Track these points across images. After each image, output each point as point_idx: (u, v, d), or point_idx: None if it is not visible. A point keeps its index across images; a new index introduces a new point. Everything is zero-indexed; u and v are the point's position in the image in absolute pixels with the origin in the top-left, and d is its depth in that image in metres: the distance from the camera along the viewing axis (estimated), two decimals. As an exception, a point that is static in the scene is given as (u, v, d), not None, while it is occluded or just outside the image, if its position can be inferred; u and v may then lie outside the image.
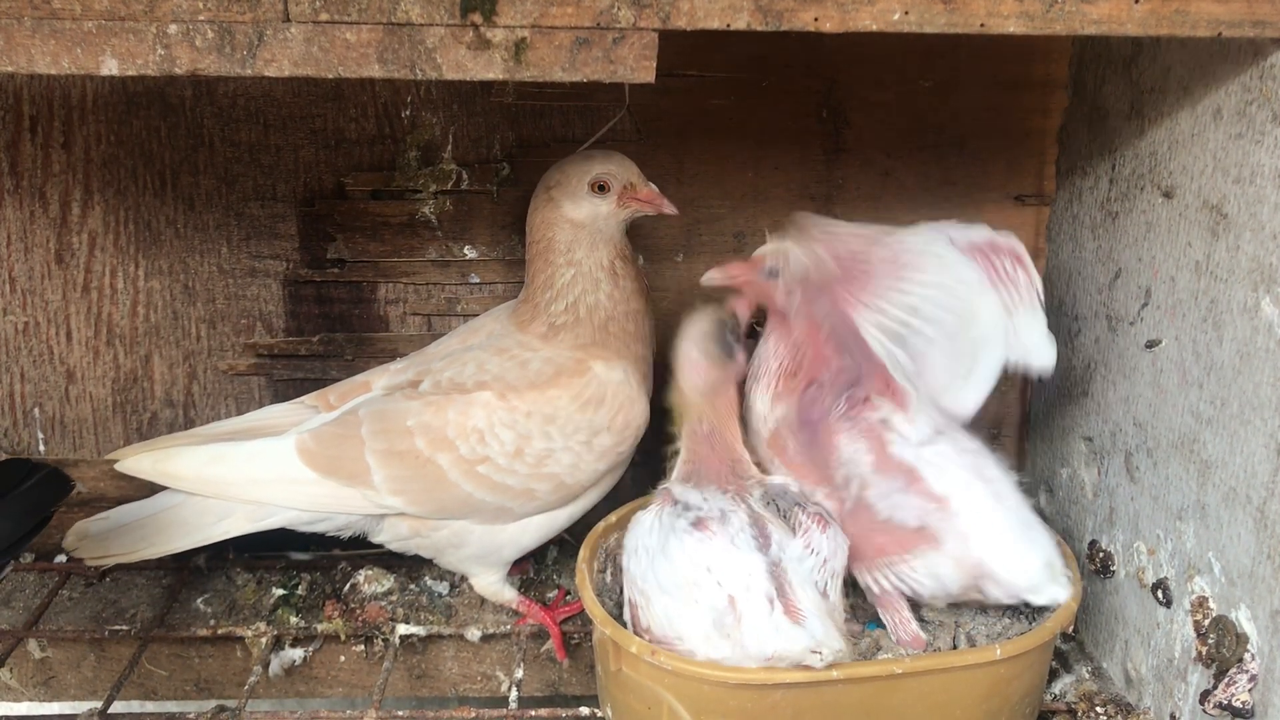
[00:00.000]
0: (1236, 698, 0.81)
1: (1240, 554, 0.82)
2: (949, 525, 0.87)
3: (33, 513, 0.86)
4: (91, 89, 1.10)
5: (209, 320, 1.17)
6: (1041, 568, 0.88)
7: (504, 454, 0.95)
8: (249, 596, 1.11)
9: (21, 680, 1.11)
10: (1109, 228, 1.02)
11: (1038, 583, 0.88)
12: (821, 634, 0.80)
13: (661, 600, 0.84)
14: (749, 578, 0.82)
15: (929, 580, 0.89)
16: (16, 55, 0.70)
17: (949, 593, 0.90)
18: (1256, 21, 0.74)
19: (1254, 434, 0.80)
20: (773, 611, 0.80)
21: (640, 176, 0.99)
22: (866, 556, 0.90)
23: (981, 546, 0.87)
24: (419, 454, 0.95)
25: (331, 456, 0.96)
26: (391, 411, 0.97)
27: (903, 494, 0.89)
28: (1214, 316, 0.84)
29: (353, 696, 1.12)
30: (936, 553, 0.88)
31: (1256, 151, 0.79)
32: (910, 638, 0.91)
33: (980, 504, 0.88)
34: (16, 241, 1.13)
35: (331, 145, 1.13)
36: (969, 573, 0.88)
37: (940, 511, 0.88)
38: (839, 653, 0.80)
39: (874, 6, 0.72)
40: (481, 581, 1.04)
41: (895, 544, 0.89)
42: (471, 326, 1.07)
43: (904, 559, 0.89)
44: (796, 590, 0.81)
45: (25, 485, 0.86)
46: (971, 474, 0.89)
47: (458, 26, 0.71)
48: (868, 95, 1.13)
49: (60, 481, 0.89)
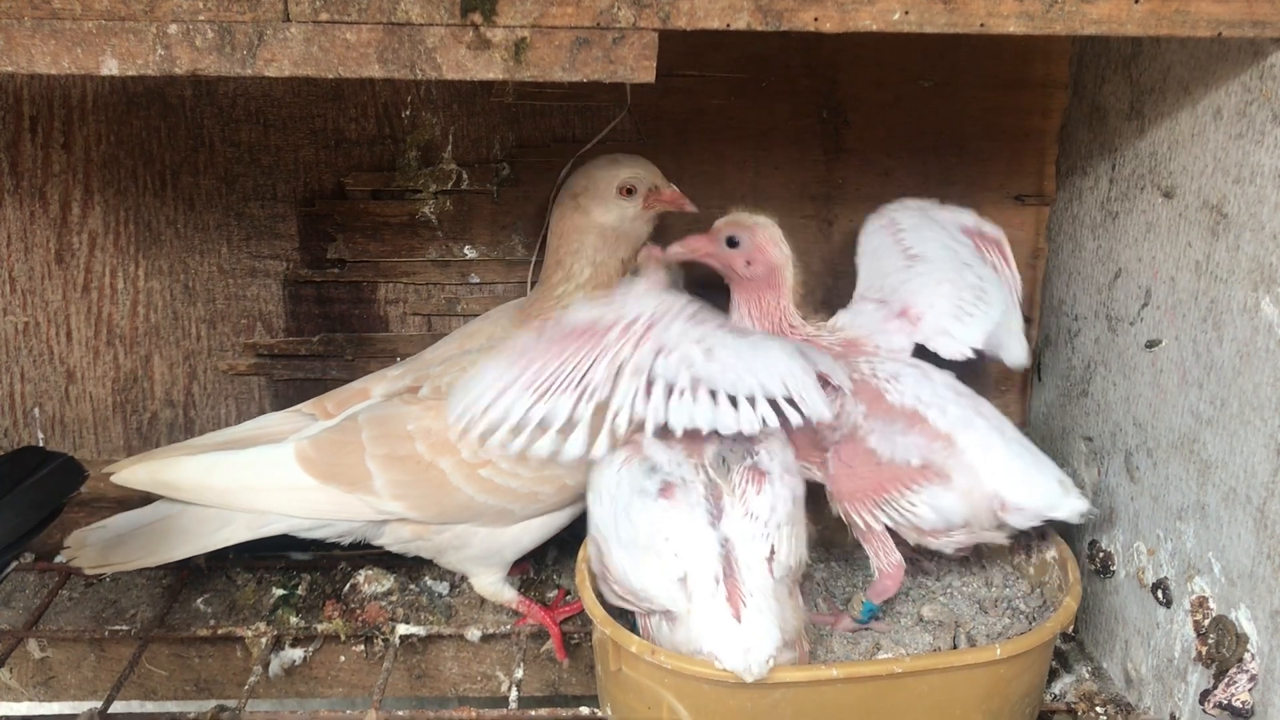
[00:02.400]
0: (1236, 698, 0.81)
1: (1240, 554, 0.82)
2: (956, 461, 0.90)
3: (45, 503, 0.84)
4: (91, 89, 1.10)
5: (209, 320, 1.17)
6: (1056, 485, 0.91)
7: (506, 456, 0.95)
8: (249, 597, 1.11)
9: (21, 680, 1.11)
10: (1109, 228, 1.02)
11: (1055, 500, 0.90)
12: (758, 630, 0.80)
13: (619, 554, 0.86)
14: (702, 554, 0.82)
15: (930, 513, 0.90)
16: (16, 55, 0.70)
17: (950, 524, 0.91)
18: (1256, 21, 0.74)
19: (1254, 434, 0.80)
20: (716, 593, 0.81)
21: (662, 178, 1.02)
22: (862, 493, 0.92)
23: (994, 478, 0.90)
24: (420, 458, 0.95)
25: (331, 463, 0.96)
26: (391, 416, 0.97)
27: (904, 435, 0.91)
28: (1214, 316, 0.84)
29: (353, 696, 1.12)
30: (943, 487, 0.89)
31: (1256, 151, 0.79)
32: (893, 567, 0.93)
33: (985, 438, 0.91)
34: (16, 241, 1.13)
35: (331, 145, 1.13)
36: (984, 505, 0.90)
37: (946, 448, 0.90)
38: (769, 659, 0.79)
39: (874, 6, 0.72)
40: (482, 581, 1.04)
41: (894, 480, 0.91)
42: (469, 330, 1.07)
43: (904, 494, 0.90)
44: (743, 570, 0.82)
45: (37, 475, 0.85)
46: (971, 412, 0.92)
47: (458, 26, 0.71)
48: (868, 95, 1.13)
49: (73, 471, 0.87)
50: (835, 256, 1.18)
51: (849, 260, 1.18)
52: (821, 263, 1.18)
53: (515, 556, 1.03)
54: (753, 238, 0.98)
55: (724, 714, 0.82)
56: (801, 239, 1.17)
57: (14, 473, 0.84)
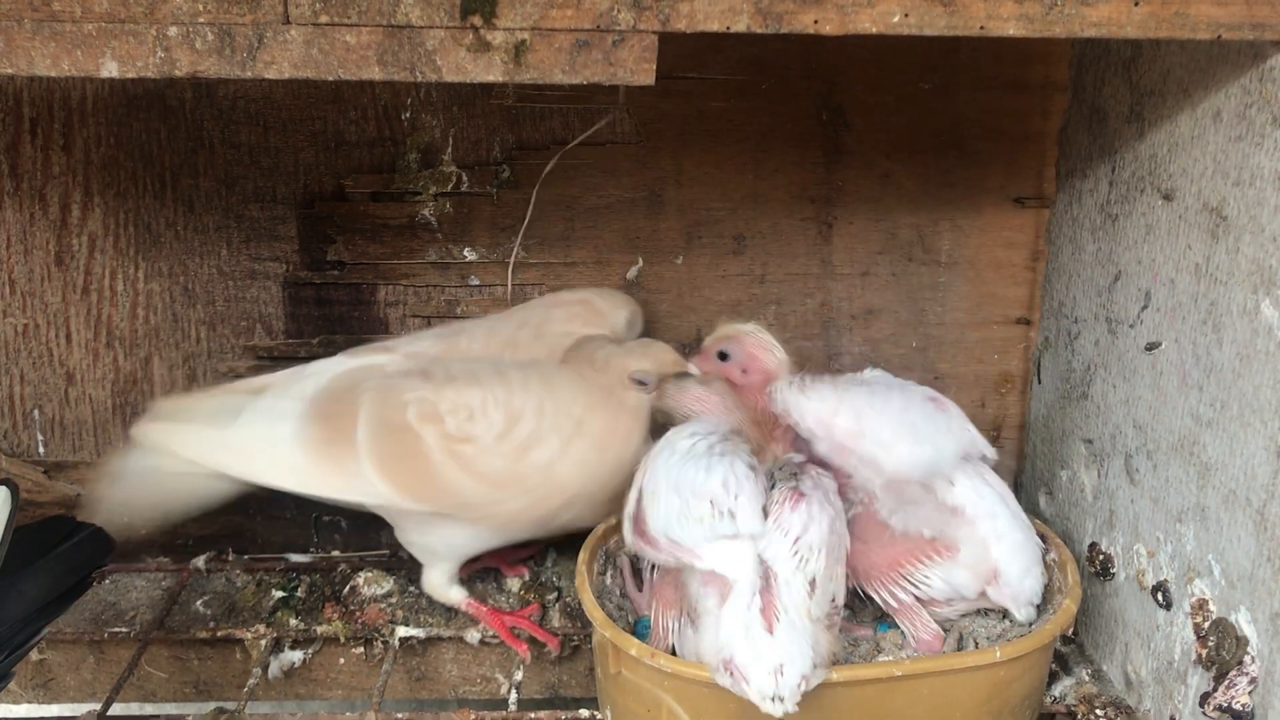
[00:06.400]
0: (1236, 700, 0.81)
1: (1240, 556, 0.82)
2: (965, 533, 0.90)
3: (73, 571, 0.85)
4: (91, 91, 1.10)
5: (209, 322, 1.17)
6: (1037, 583, 0.92)
7: (490, 434, 0.94)
8: (248, 598, 1.11)
9: (20, 682, 1.11)
10: (1109, 230, 1.02)
11: (1031, 595, 0.91)
12: (790, 649, 0.78)
13: (672, 501, 0.85)
14: (747, 559, 0.81)
15: (944, 586, 0.91)
16: (16, 57, 0.70)
17: (964, 598, 0.92)
18: (1256, 24, 0.74)
19: (1254, 436, 0.80)
20: (751, 604, 0.80)
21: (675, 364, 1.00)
22: (880, 571, 0.91)
23: (999, 551, 0.90)
24: (410, 427, 0.95)
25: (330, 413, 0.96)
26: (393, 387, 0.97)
27: (915, 506, 0.90)
28: (1214, 319, 0.84)
29: (352, 699, 1.12)
30: (952, 561, 0.90)
31: (1256, 154, 0.79)
32: (931, 636, 0.92)
33: (994, 510, 0.91)
34: (16, 243, 1.13)
35: (331, 147, 1.13)
36: (983, 576, 0.90)
37: (956, 520, 0.90)
38: (801, 678, 0.77)
39: (874, 9, 0.72)
40: (430, 575, 1.04)
41: (908, 554, 0.90)
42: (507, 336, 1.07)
43: (918, 568, 0.90)
44: (781, 585, 0.80)
45: (67, 544, 0.85)
46: (980, 481, 0.92)
47: (457, 29, 0.71)
48: (867, 97, 1.13)
49: (102, 542, 0.88)
50: (834, 259, 1.18)
51: (848, 263, 1.19)
52: (820, 265, 1.18)
53: (472, 553, 1.03)
54: (741, 347, 0.98)
55: (724, 716, 0.82)
56: (800, 241, 1.17)
57: (45, 540, 0.84)
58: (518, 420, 0.95)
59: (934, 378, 1.21)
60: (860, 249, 1.18)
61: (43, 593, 0.82)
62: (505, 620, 1.05)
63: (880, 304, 1.20)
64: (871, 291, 1.19)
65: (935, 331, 1.21)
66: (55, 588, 0.83)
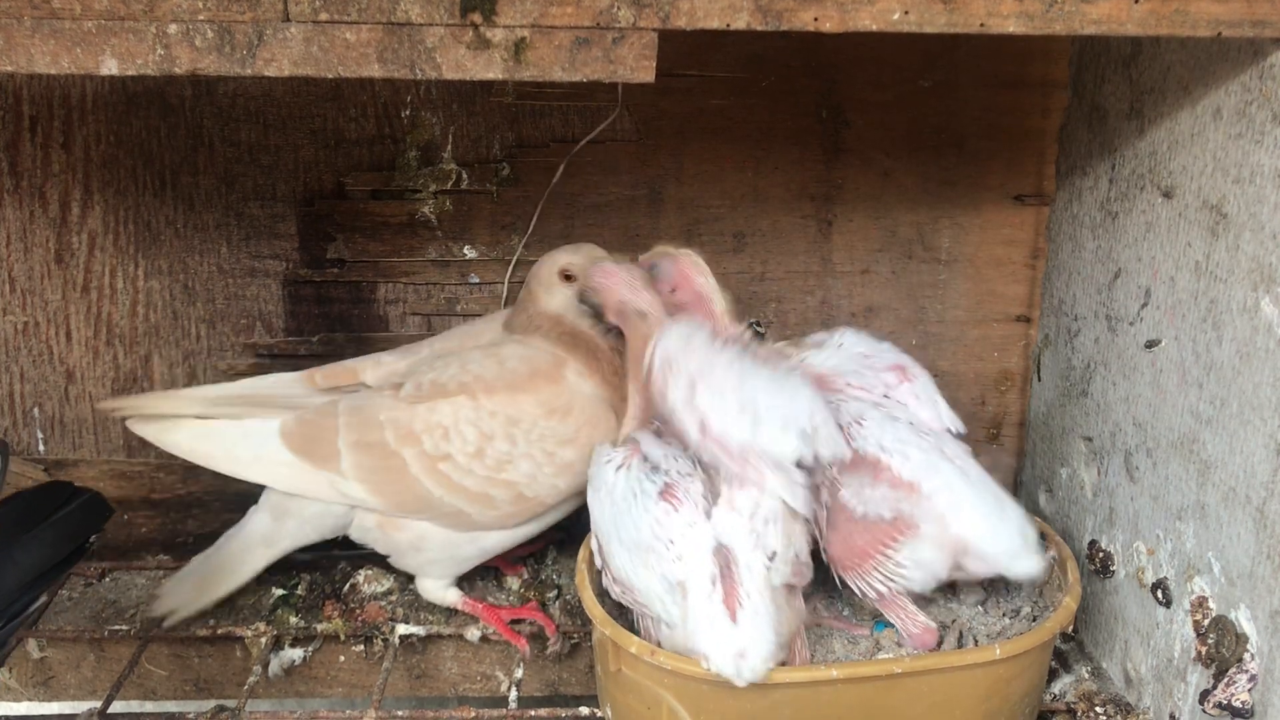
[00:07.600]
0: (1236, 698, 0.81)
1: (1240, 554, 0.82)
2: (923, 509, 0.87)
3: (71, 539, 0.83)
4: (91, 89, 1.10)
5: (208, 320, 1.17)
6: (1017, 536, 0.88)
7: (464, 452, 0.95)
8: (248, 596, 1.11)
9: (21, 680, 1.11)
10: (1109, 228, 1.02)
11: (1016, 550, 0.88)
12: (753, 634, 0.79)
13: (621, 553, 0.86)
14: (701, 556, 0.82)
15: (917, 571, 0.88)
16: (16, 55, 0.70)
17: (937, 577, 0.89)
18: (1256, 21, 0.74)
19: (1254, 434, 0.80)
20: (712, 595, 0.80)
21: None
22: (854, 561, 0.90)
23: (959, 523, 0.87)
24: (387, 446, 0.96)
25: (309, 438, 0.98)
26: (368, 406, 0.98)
27: (871, 487, 0.88)
28: (1214, 316, 0.84)
29: (352, 696, 1.12)
30: (916, 540, 0.88)
31: (1256, 151, 0.79)
32: (921, 629, 0.91)
33: (950, 482, 0.88)
34: (16, 241, 1.13)
35: (331, 145, 1.13)
36: (950, 552, 0.88)
37: (912, 497, 0.88)
38: (765, 660, 0.79)
39: (874, 6, 0.72)
40: (426, 584, 1.04)
41: (875, 540, 0.89)
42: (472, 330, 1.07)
43: (888, 554, 0.89)
44: (741, 571, 0.81)
45: (64, 510, 0.84)
46: (935, 455, 0.89)
47: (457, 26, 0.71)
48: (867, 95, 1.13)
49: (99, 507, 0.87)
50: (834, 256, 1.18)
51: (848, 260, 1.19)
52: (820, 263, 1.18)
53: (468, 566, 1.03)
54: (675, 265, 0.97)
55: (723, 715, 0.82)
56: (800, 239, 1.17)
57: (41, 507, 0.83)
58: (491, 440, 0.95)
59: (934, 375, 1.21)
60: (860, 247, 1.18)
61: (40, 560, 0.81)
62: (502, 615, 1.05)
63: (880, 302, 1.20)
64: (871, 289, 1.19)
65: (935, 329, 1.21)
66: (53, 556, 0.82)
